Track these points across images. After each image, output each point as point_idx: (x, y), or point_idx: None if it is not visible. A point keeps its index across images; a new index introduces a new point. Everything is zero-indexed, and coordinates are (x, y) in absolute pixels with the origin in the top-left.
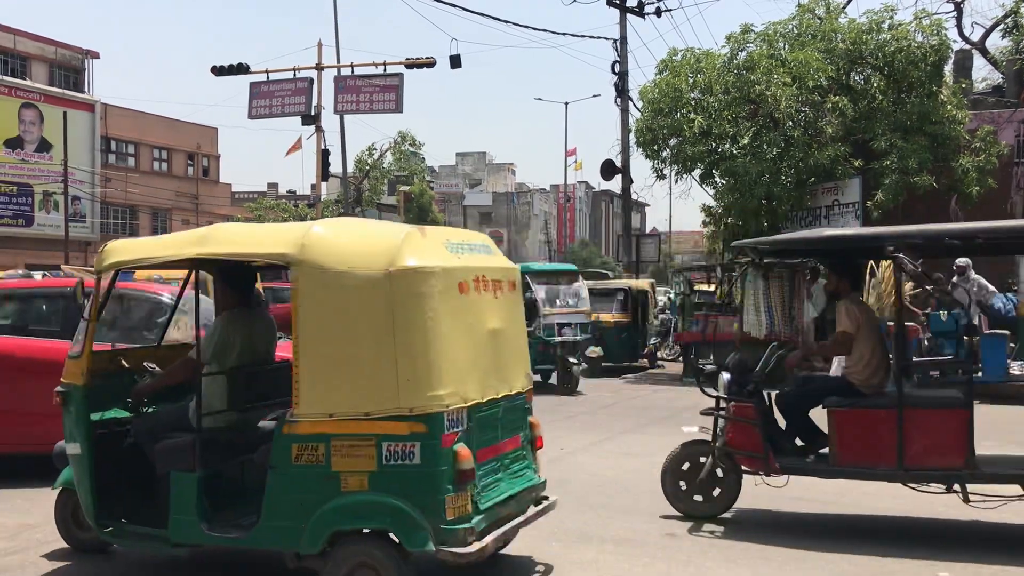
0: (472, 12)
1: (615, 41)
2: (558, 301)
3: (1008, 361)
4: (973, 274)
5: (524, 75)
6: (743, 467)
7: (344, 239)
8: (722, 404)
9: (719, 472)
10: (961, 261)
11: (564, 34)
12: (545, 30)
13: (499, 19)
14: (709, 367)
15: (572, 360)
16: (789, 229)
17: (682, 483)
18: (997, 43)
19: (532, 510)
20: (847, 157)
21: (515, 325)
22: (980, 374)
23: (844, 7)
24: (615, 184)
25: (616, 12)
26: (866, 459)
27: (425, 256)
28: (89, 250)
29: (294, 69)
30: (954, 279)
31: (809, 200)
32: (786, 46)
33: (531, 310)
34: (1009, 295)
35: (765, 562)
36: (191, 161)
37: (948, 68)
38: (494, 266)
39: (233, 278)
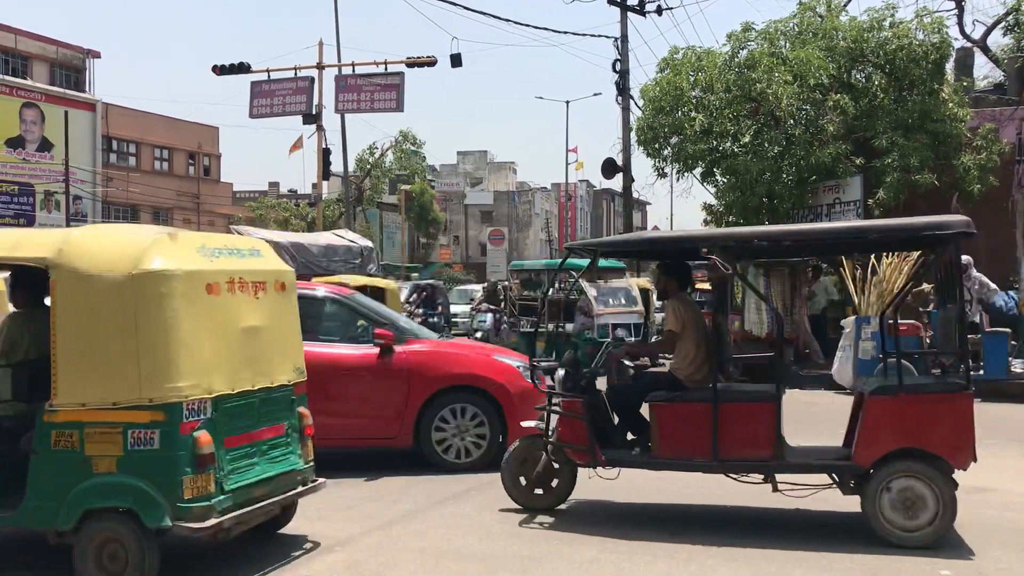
0: (473, 11)
1: (616, 39)
2: (611, 301)
3: (1009, 359)
4: (974, 272)
5: (525, 74)
6: (574, 460)
7: (98, 244)
8: (554, 400)
9: (555, 465)
10: (963, 259)
11: (565, 33)
12: (546, 29)
13: (500, 18)
14: (544, 363)
15: (628, 364)
16: None
17: (521, 477)
18: (998, 41)
19: (296, 491)
20: (848, 155)
21: (281, 323)
22: (982, 372)
23: (845, 5)
24: (616, 183)
25: (617, 10)
26: (684, 451)
27: (171, 260)
28: None
29: (295, 68)
30: None
31: (810, 198)
32: (787, 44)
33: (573, 309)
34: (1010, 293)
35: (767, 562)
36: (192, 160)
37: (949, 66)
38: (257, 269)
39: (21, 280)
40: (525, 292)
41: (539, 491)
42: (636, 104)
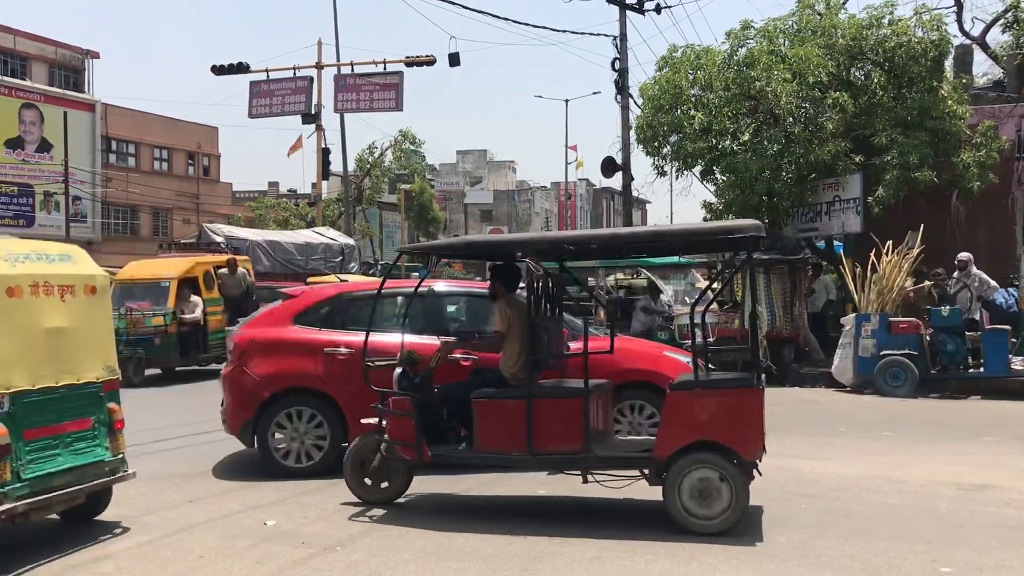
0: (471, 10)
1: (615, 38)
2: (687, 300)
3: (1009, 356)
4: (975, 269)
5: (524, 73)
6: (403, 456)
7: None
8: (387, 398)
9: (390, 461)
10: (963, 256)
11: (564, 31)
12: (545, 27)
13: (499, 16)
14: (379, 362)
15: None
16: (790, 225)
17: (361, 472)
18: (998, 38)
19: (103, 480)
20: (848, 153)
21: (91, 324)
22: (982, 369)
23: (844, 3)
24: (616, 181)
25: (616, 9)
26: (502, 446)
27: None
28: (90, 250)
29: (294, 68)
30: (955, 274)
31: (810, 196)
32: (786, 42)
33: (631, 308)
34: (1010, 290)
35: (768, 559)
36: (192, 161)
37: (948, 63)
38: (65, 273)
39: None
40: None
41: (380, 484)
42: (635, 102)
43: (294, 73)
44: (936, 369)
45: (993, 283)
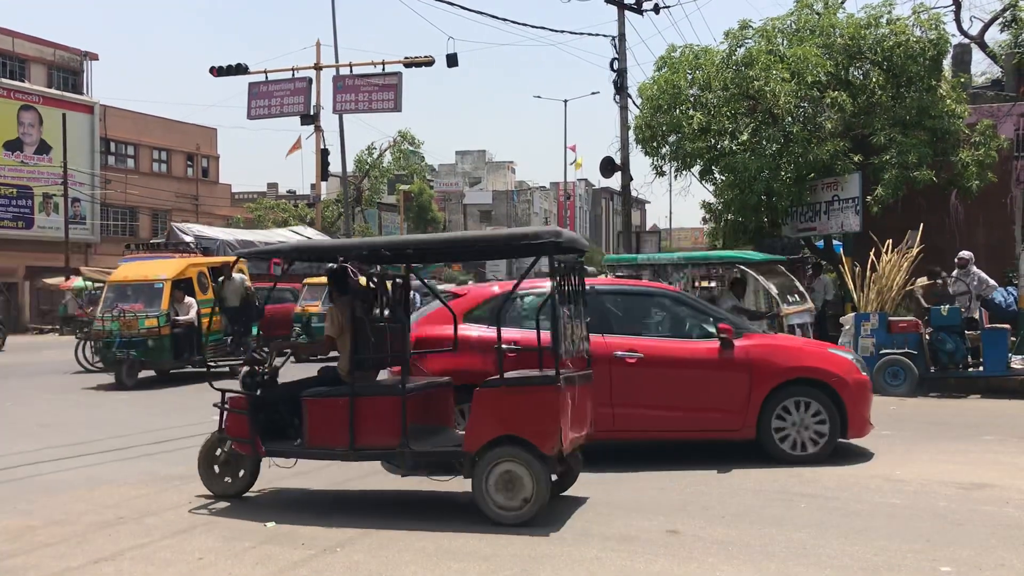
0: (470, 10)
1: (613, 38)
2: (789, 298)
3: (1009, 355)
4: (974, 268)
5: (523, 73)
6: (240, 451)
7: None
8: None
9: (237, 455)
10: (964, 255)
11: (562, 32)
12: (543, 28)
13: (497, 17)
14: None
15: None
16: (789, 225)
17: (215, 467)
18: (996, 37)
19: None
20: (846, 152)
21: None
22: (981, 368)
23: (842, 2)
24: (615, 181)
25: (614, 9)
26: (327, 441)
27: None
28: (89, 252)
29: (293, 69)
30: (955, 273)
31: (809, 196)
32: (784, 42)
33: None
34: (1010, 289)
35: (767, 558)
36: (191, 162)
37: (947, 62)
38: None
39: None
40: None
41: (227, 479)
42: (634, 103)
43: (293, 74)
44: (935, 368)
45: (992, 282)
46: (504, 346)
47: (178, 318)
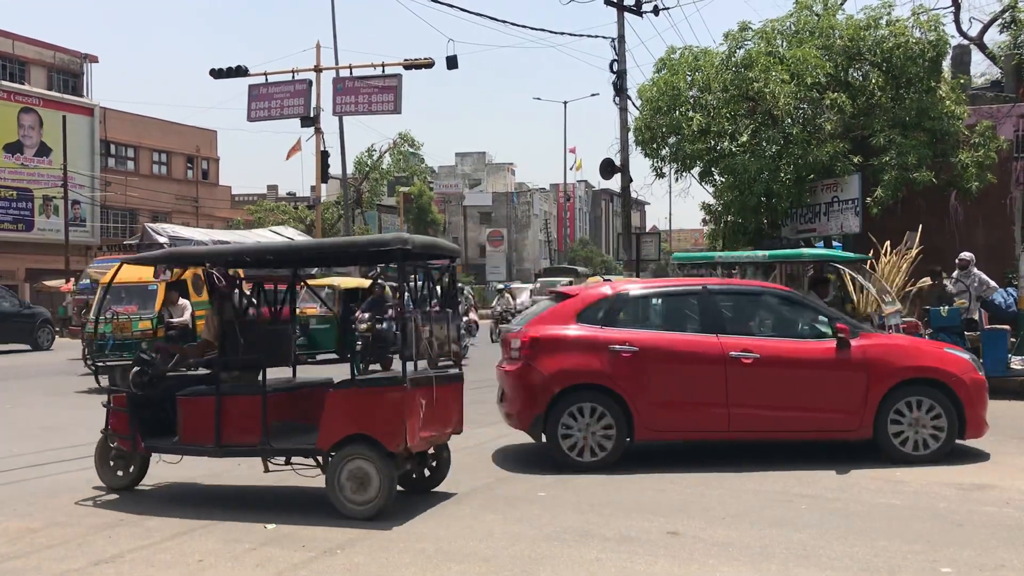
0: (469, 12)
1: (613, 40)
2: (886, 298)
3: (1009, 356)
4: (974, 269)
5: (523, 75)
6: (122, 447)
7: None
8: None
9: (125, 451)
10: (965, 256)
11: (562, 33)
12: (543, 30)
13: (497, 19)
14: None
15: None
16: (789, 226)
17: (111, 461)
18: (995, 38)
19: None
20: (846, 154)
21: None
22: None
23: (842, 3)
24: (615, 183)
25: (614, 11)
26: (197, 438)
27: None
28: (89, 254)
29: (292, 71)
30: (955, 274)
31: (808, 197)
32: (784, 43)
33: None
34: (1010, 290)
35: (768, 559)
36: (191, 164)
37: (946, 64)
38: None
39: None
40: None
41: (119, 473)
42: (634, 104)
43: (293, 76)
44: None
45: (992, 283)
46: (619, 347)
47: (172, 320)
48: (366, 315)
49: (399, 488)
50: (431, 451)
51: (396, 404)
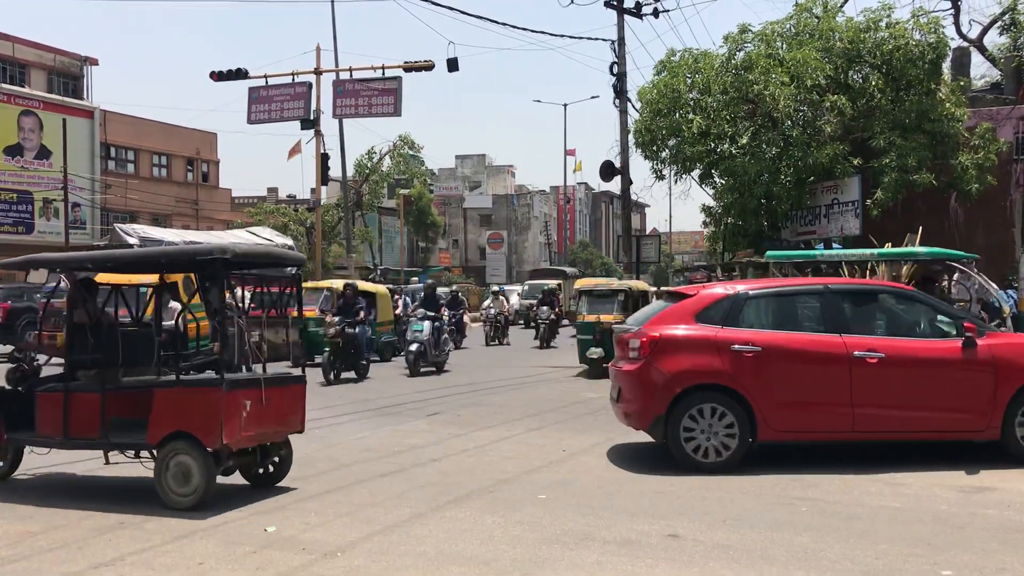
0: (469, 15)
1: (613, 42)
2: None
3: None
4: (974, 271)
5: (523, 77)
6: None
7: None
8: None
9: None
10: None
11: (562, 36)
12: (543, 32)
13: (497, 22)
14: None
15: None
16: (789, 228)
17: None
18: (995, 40)
19: None
20: (846, 156)
21: None
22: None
23: (841, 6)
24: (615, 185)
25: (614, 13)
26: (49, 431)
27: None
28: None
29: (293, 74)
30: (955, 276)
31: (809, 199)
32: (784, 46)
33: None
34: (1010, 292)
35: (768, 562)
36: (191, 167)
37: (946, 66)
38: None
39: None
40: None
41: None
42: (634, 107)
43: (293, 79)
44: None
45: (993, 285)
46: (742, 347)
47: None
48: (335, 319)
49: (245, 483)
50: (280, 448)
51: (214, 404)
